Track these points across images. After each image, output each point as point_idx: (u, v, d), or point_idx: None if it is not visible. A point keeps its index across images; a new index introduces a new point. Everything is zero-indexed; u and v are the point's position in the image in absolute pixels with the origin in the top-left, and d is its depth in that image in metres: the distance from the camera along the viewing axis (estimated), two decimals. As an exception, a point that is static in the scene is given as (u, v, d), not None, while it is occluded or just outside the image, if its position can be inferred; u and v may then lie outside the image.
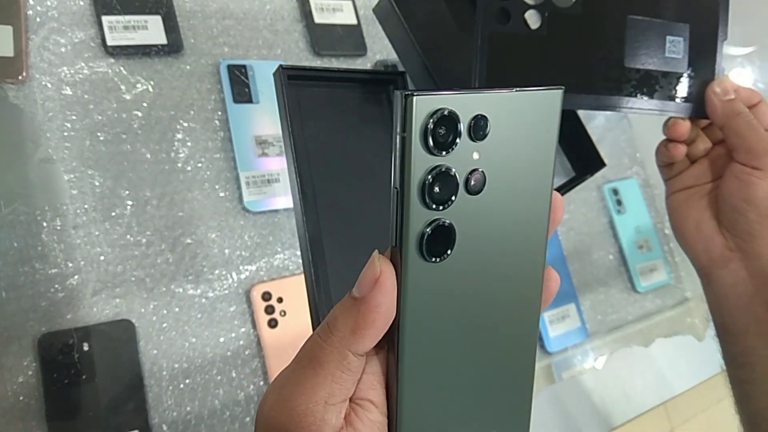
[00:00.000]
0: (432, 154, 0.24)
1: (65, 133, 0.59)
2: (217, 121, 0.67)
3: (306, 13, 0.74)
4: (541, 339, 0.78)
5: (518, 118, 0.26)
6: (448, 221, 0.25)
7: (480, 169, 0.25)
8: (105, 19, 0.63)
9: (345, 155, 0.47)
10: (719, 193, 0.45)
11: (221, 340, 0.62)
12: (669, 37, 0.46)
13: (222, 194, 0.65)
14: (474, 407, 0.28)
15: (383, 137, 0.48)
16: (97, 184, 0.60)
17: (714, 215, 0.45)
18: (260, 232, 0.66)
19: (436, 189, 0.24)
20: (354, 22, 0.77)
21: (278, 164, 0.67)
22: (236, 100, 0.67)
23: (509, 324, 0.28)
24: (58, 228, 0.57)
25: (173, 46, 0.66)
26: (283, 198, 0.66)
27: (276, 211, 0.67)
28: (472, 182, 0.25)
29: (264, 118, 0.68)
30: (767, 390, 0.39)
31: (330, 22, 0.75)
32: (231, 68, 0.68)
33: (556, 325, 0.79)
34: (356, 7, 0.78)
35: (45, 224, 0.57)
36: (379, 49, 0.76)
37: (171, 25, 0.66)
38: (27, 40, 0.59)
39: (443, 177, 0.24)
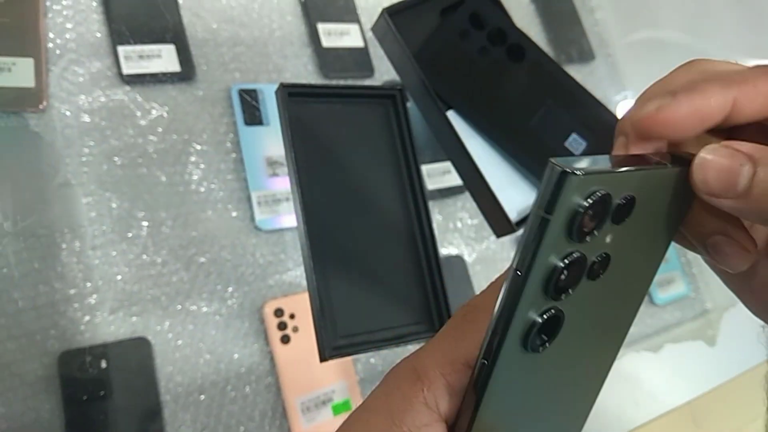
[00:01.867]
0: (572, 240, 0.20)
1: (83, 159, 0.62)
2: (229, 144, 0.69)
3: (314, 38, 0.77)
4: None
5: (655, 195, 0.22)
6: (562, 312, 0.21)
7: (608, 254, 0.22)
8: (121, 49, 0.66)
9: (346, 169, 0.49)
10: None
11: (235, 356, 0.63)
12: (574, 134, 0.52)
13: (234, 214, 0.67)
14: None
15: (383, 151, 0.49)
16: (114, 206, 0.62)
17: None
18: (272, 250, 0.67)
19: (563, 277, 0.20)
20: (361, 45, 0.79)
21: (289, 184, 0.69)
22: (247, 123, 0.70)
23: (578, 401, 0.27)
24: (77, 249, 0.59)
25: (186, 73, 0.68)
26: (294, 216, 0.68)
27: (287, 229, 0.68)
28: (596, 268, 0.21)
29: (274, 139, 0.70)
30: None
31: (337, 46, 0.77)
32: (242, 93, 0.70)
33: (572, 339, 0.78)
34: (363, 31, 0.80)
35: (64, 246, 0.59)
36: (386, 70, 0.78)
37: (184, 54, 0.69)
38: (47, 71, 0.62)
39: (576, 265, 0.20)
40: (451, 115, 0.52)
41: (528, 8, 0.98)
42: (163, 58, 0.67)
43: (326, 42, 0.77)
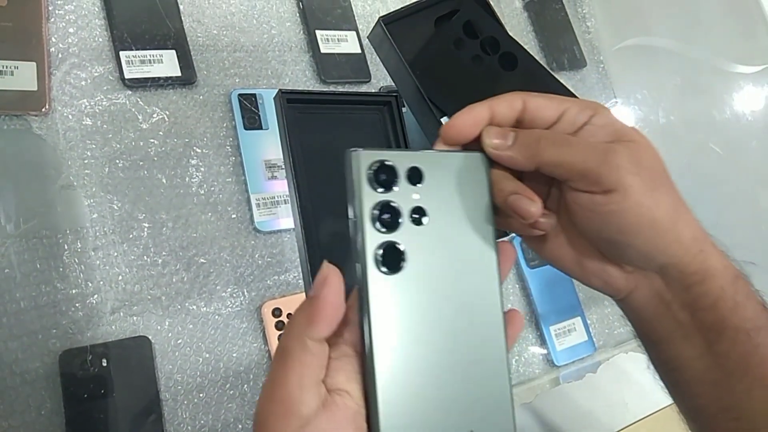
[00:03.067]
0: (377, 192, 0.31)
1: (85, 161, 0.63)
2: (228, 147, 0.70)
3: (312, 44, 0.78)
4: (548, 353, 0.80)
5: (451, 171, 0.34)
6: (397, 243, 0.31)
7: (421, 207, 0.32)
8: (123, 54, 0.67)
9: (343, 173, 0.50)
10: (581, 230, 0.35)
11: (234, 355, 0.64)
12: None
13: (234, 216, 0.68)
14: (450, 403, 0.32)
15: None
16: (115, 208, 0.63)
17: (591, 252, 0.36)
18: (270, 251, 0.69)
19: (384, 217, 0.31)
20: (358, 51, 0.81)
21: (287, 187, 0.70)
22: (247, 127, 0.71)
23: (474, 332, 0.33)
24: (79, 250, 0.61)
25: (187, 78, 0.70)
26: (292, 218, 0.69)
27: (285, 230, 0.70)
28: (415, 215, 0.32)
29: (273, 143, 0.71)
30: (702, 390, 0.36)
31: (335, 52, 0.79)
32: (242, 97, 0.72)
33: (563, 339, 0.80)
34: (360, 37, 0.81)
35: (66, 247, 0.60)
36: (383, 76, 0.80)
37: (185, 59, 0.70)
38: (50, 75, 0.63)
39: (388, 209, 0.31)
40: (446, 121, 0.54)
41: (521, 16, 0.99)
42: (165, 63, 0.69)
43: (324, 48, 0.78)
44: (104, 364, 0.58)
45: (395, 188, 0.32)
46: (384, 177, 0.31)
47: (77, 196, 0.62)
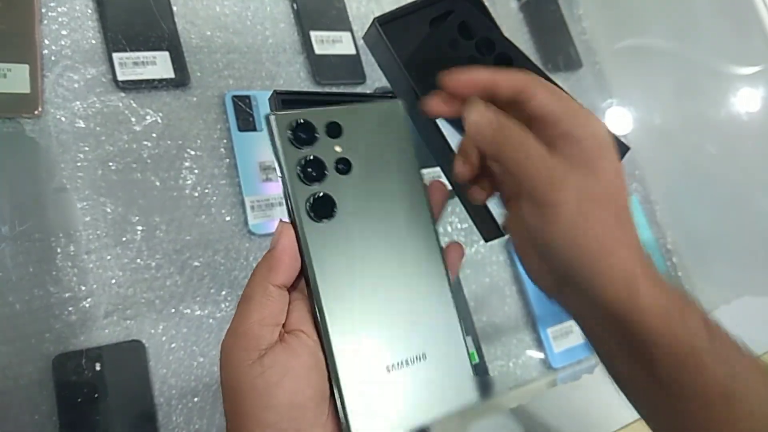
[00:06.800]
0: (299, 149, 0.34)
1: (78, 164, 0.63)
2: (222, 149, 0.70)
3: (307, 45, 0.78)
4: (546, 355, 0.79)
5: (370, 121, 0.36)
6: (324, 192, 0.34)
7: (345, 157, 0.35)
8: (116, 55, 0.66)
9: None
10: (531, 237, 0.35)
11: (228, 359, 0.64)
12: None
13: (228, 218, 0.68)
14: (398, 331, 0.34)
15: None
16: (108, 211, 0.63)
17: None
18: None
19: (309, 170, 0.33)
20: (353, 52, 0.80)
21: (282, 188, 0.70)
22: (241, 129, 0.71)
23: (413, 265, 0.36)
24: (72, 253, 0.60)
25: (181, 80, 0.69)
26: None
27: (280, 233, 0.69)
28: (340, 166, 0.34)
29: (268, 145, 0.71)
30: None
31: (330, 53, 0.79)
32: (235, 99, 0.71)
33: (560, 341, 0.80)
34: (355, 38, 0.81)
35: (59, 250, 0.60)
36: (378, 77, 0.79)
37: (178, 60, 0.70)
38: (42, 77, 0.63)
39: (312, 162, 0.34)
40: (441, 121, 0.53)
41: (516, 17, 0.99)
42: (158, 65, 0.68)
43: (319, 49, 0.78)
44: (98, 369, 0.58)
45: (316, 144, 0.34)
46: (303, 135, 0.34)
47: (70, 198, 0.62)
